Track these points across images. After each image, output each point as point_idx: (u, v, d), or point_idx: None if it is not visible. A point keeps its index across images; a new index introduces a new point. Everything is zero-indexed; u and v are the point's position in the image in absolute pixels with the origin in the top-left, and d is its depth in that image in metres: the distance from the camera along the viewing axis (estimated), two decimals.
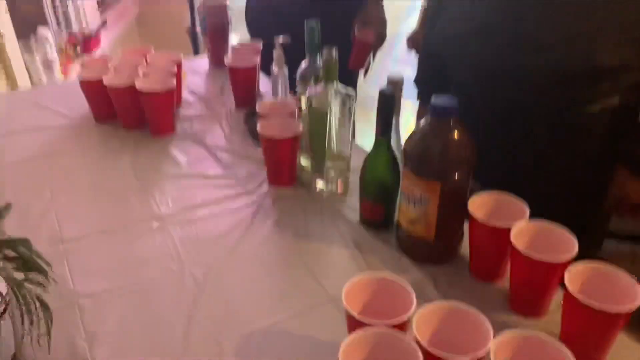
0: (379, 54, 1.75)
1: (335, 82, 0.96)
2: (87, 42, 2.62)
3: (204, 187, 1.07)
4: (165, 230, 0.94)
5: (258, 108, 1.13)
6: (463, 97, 1.11)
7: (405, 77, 2.39)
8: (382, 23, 1.64)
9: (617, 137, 0.97)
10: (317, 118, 0.98)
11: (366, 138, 1.03)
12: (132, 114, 1.27)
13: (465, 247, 0.85)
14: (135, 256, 0.89)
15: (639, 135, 0.94)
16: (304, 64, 1.12)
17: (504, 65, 0.96)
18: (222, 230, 0.94)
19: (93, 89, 1.27)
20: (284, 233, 0.94)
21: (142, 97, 1.21)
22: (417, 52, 2.07)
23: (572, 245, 0.70)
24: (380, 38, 1.64)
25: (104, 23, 2.86)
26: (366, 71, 1.80)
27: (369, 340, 0.59)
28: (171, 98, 1.23)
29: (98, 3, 3.02)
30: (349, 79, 1.82)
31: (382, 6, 1.66)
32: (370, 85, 2.81)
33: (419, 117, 1.33)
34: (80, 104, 1.34)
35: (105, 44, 2.87)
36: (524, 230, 0.73)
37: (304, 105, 1.03)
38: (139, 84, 1.20)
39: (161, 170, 1.13)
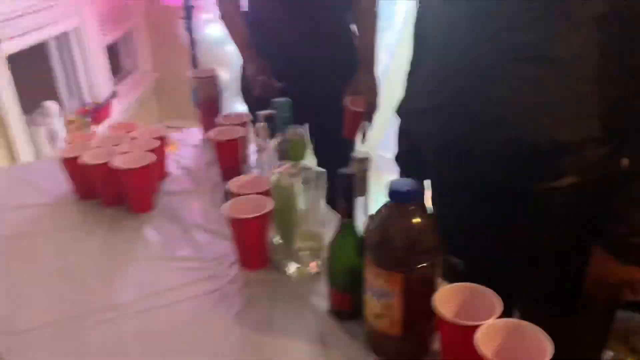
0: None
1: (302, 160, 0.91)
2: (97, 113, 2.67)
3: (171, 270, 1.01)
4: (119, 322, 0.88)
5: (229, 184, 1.08)
6: (436, 175, 1.08)
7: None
8: (372, 92, 1.61)
9: (591, 215, 0.91)
10: (284, 196, 0.93)
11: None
12: (110, 192, 1.24)
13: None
14: (81, 353, 0.82)
15: (615, 214, 0.86)
16: (275, 140, 1.08)
17: (466, 142, 0.92)
18: (180, 321, 0.88)
19: (73, 167, 1.26)
20: (246, 326, 0.86)
21: (118, 174, 1.18)
22: None
23: (546, 349, 0.61)
24: (371, 107, 1.61)
25: (114, 93, 2.92)
26: (363, 136, 1.76)
27: None
28: (147, 175, 1.20)
29: (113, 72, 3.12)
30: (348, 143, 1.79)
31: (374, 75, 1.64)
32: (380, 147, 2.78)
33: None
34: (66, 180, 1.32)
35: (118, 113, 2.93)
36: (491, 329, 0.64)
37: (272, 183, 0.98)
38: (115, 161, 1.18)
39: (131, 252, 1.08)
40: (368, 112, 1.62)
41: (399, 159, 1.20)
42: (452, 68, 0.91)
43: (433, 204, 1.08)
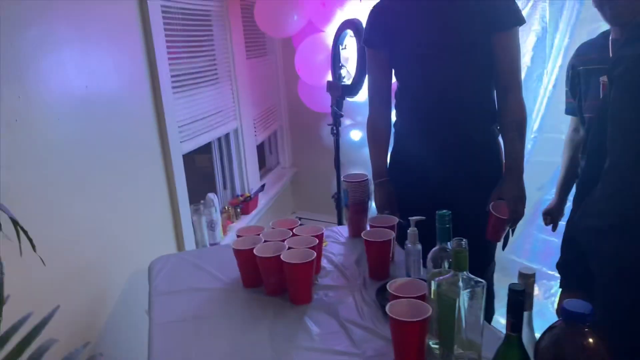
0: (523, 220, 1.74)
1: (465, 271, 0.98)
2: (246, 204, 2.95)
3: None
4: None
5: (389, 286, 1.16)
6: (603, 296, 1.06)
7: (553, 248, 2.29)
8: (518, 200, 1.64)
9: None
10: (446, 305, 0.99)
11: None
12: (275, 282, 1.38)
13: None
14: None
15: None
16: (435, 248, 1.16)
17: None
18: None
19: (244, 257, 1.42)
20: None
21: (285, 267, 1.32)
22: (554, 227, 2.02)
23: None
24: (516, 214, 1.64)
25: (262, 186, 3.21)
26: (505, 244, 1.78)
27: None
28: (310, 269, 1.33)
29: (260, 167, 3.44)
30: (488, 248, 1.82)
31: (521, 183, 1.67)
32: (512, 251, 2.73)
33: (559, 305, 1.27)
34: (233, 268, 1.49)
35: (262, 203, 3.20)
36: None
37: (432, 290, 1.04)
38: (284, 255, 1.32)
39: (295, 341, 1.18)
40: (512, 219, 1.65)
41: (560, 267, 1.21)
42: (633, 192, 0.93)
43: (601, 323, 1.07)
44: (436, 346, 1.07)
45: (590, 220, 1.04)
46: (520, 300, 0.84)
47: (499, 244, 1.79)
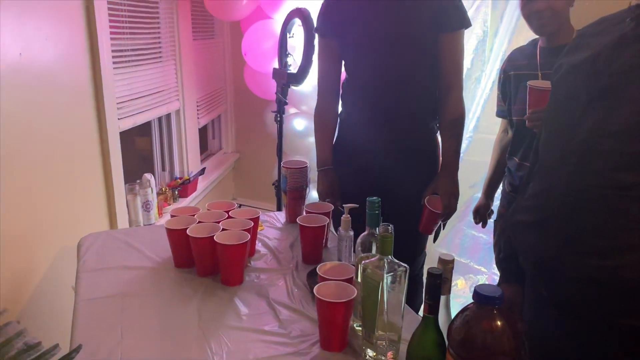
0: (454, 216, 1.82)
1: (390, 255, 1.02)
2: (185, 187, 2.91)
3: (259, 342, 1.11)
4: None
5: (318, 269, 1.19)
6: (531, 286, 1.13)
7: (481, 244, 2.39)
8: (452, 195, 1.71)
9: None
10: (370, 287, 1.03)
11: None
12: (207, 263, 1.38)
13: None
14: None
15: None
16: (364, 233, 1.20)
17: (561, 263, 0.97)
18: None
19: (177, 237, 1.42)
20: None
21: (217, 248, 1.32)
22: (483, 224, 2.13)
23: None
24: (449, 209, 1.71)
25: (202, 170, 3.18)
26: (436, 237, 1.85)
27: None
28: (243, 251, 1.34)
29: (200, 151, 3.40)
30: (420, 239, 1.89)
31: (456, 179, 1.74)
32: (442, 245, 2.84)
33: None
34: (165, 248, 1.48)
35: (202, 187, 3.17)
36: None
37: (359, 273, 1.08)
38: (217, 237, 1.32)
39: (223, 321, 1.19)
40: (445, 214, 1.71)
41: (501, 262, 1.28)
42: (559, 192, 0.98)
43: (525, 314, 1.14)
44: (359, 328, 1.11)
45: (519, 216, 1.10)
46: (437, 284, 0.89)
47: (431, 237, 1.86)
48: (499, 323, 0.79)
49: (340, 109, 1.91)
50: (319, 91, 1.89)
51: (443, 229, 1.83)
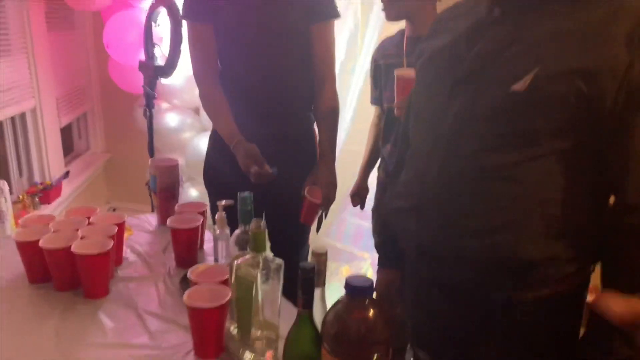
0: (337, 206, 1.83)
1: (263, 252, 0.97)
2: (47, 193, 2.65)
3: (126, 358, 1.02)
4: None
5: (189, 273, 1.12)
6: (412, 270, 1.14)
7: (363, 231, 2.41)
8: (330, 185, 1.71)
9: (560, 329, 0.96)
10: (244, 287, 0.98)
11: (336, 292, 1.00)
12: (65, 276, 1.24)
13: None
14: None
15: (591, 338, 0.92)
16: (237, 231, 1.14)
17: (440, 246, 0.99)
18: None
19: (28, 250, 1.26)
20: None
21: (76, 259, 1.19)
22: (362, 206, 2.17)
23: None
24: (328, 199, 1.70)
25: (66, 173, 2.91)
26: (318, 227, 1.85)
27: None
28: (106, 261, 1.22)
29: (65, 152, 3.12)
30: (302, 231, 1.87)
31: (333, 169, 1.75)
32: (327, 235, 2.86)
33: (378, 282, 1.36)
34: (17, 263, 1.31)
35: (68, 192, 2.91)
36: None
37: (232, 274, 1.02)
38: (75, 247, 1.19)
39: (85, 338, 1.08)
40: (325, 204, 1.71)
41: (378, 247, 1.28)
42: (432, 177, 0.99)
43: (407, 297, 1.15)
44: (236, 331, 1.05)
45: (396, 201, 1.10)
46: (310, 278, 0.85)
47: (314, 227, 1.85)
48: (371, 313, 0.77)
49: None
50: (198, 79, 1.76)
51: (325, 218, 1.83)
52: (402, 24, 1.85)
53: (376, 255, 1.45)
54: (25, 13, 2.57)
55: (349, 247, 2.99)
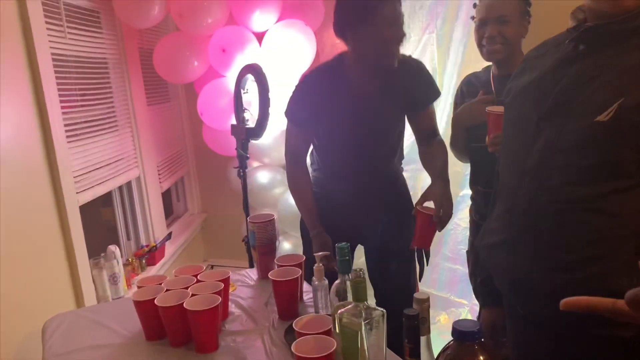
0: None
1: (364, 301, 0.99)
2: (152, 255, 2.83)
3: None
4: None
5: (294, 324, 1.16)
6: (509, 306, 1.13)
7: (458, 276, 2.36)
8: (444, 198, 1.65)
9: None
10: (349, 337, 1.00)
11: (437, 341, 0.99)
12: (179, 332, 1.32)
13: None
14: None
15: None
16: (336, 281, 1.17)
17: (532, 279, 0.98)
18: None
19: (145, 309, 1.36)
20: None
21: (188, 315, 1.27)
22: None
23: None
24: (443, 212, 1.63)
25: (169, 235, 3.11)
26: (420, 275, 1.84)
27: None
28: (215, 316, 1.29)
29: (165, 215, 3.34)
30: (407, 284, 1.91)
31: (446, 184, 1.71)
32: (424, 284, 2.82)
33: (482, 322, 1.34)
34: (135, 322, 1.41)
35: (170, 252, 3.09)
36: None
37: (336, 324, 1.05)
38: (186, 303, 1.27)
39: None
40: (439, 217, 1.63)
41: (479, 288, 1.28)
42: (519, 211, 1.01)
43: (508, 335, 1.13)
44: None
45: (488, 238, 1.12)
46: (415, 325, 0.86)
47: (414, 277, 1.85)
48: (481, 358, 0.76)
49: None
50: (290, 161, 1.94)
51: (427, 264, 1.82)
52: (477, 67, 1.87)
53: (474, 301, 1.42)
54: (128, 92, 2.85)
55: (444, 294, 2.92)
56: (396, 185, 1.92)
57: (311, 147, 1.98)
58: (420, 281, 1.92)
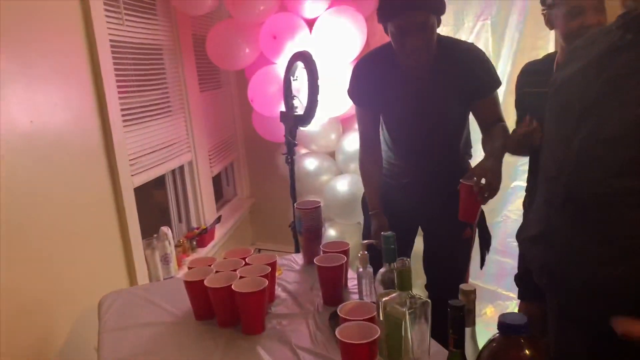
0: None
1: (409, 290, 0.99)
2: (202, 237, 2.91)
3: None
4: None
5: (339, 310, 1.17)
6: (548, 300, 1.12)
7: (507, 269, 2.32)
8: (490, 171, 1.56)
9: None
10: (393, 325, 1.00)
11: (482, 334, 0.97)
12: (227, 313, 1.36)
13: None
14: None
15: None
16: (382, 269, 1.17)
17: (567, 276, 0.96)
18: None
19: (195, 289, 1.40)
20: None
21: (236, 297, 1.30)
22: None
23: None
24: (486, 182, 1.54)
25: (219, 218, 3.18)
26: (482, 263, 1.95)
27: None
28: (262, 298, 1.32)
29: (215, 199, 3.42)
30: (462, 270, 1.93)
31: (496, 161, 1.63)
32: (472, 276, 2.79)
33: None
34: (185, 301, 1.46)
35: (220, 235, 3.17)
36: None
37: (380, 311, 1.05)
38: (235, 285, 1.31)
39: None
40: (479, 187, 1.54)
41: (518, 280, 1.26)
42: (558, 203, 0.99)
43: (549, 331, 1.11)
44: None
45: (527, 230, 1.10)
46: (461, 316, 0.86)
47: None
48: (527, 352, 0.75)
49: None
50: (361, 144, 2.02)
51: (488, 252, 1.91)
52: (533, 55, 1.80)
53: None
54: (182, 77, 2.92)
55: (492, 286, 2.87)
56: (460, 172, 1.82)
57: None
58: (482, 268, 1.97)
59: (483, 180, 1.53)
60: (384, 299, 1.03)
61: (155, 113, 2.62)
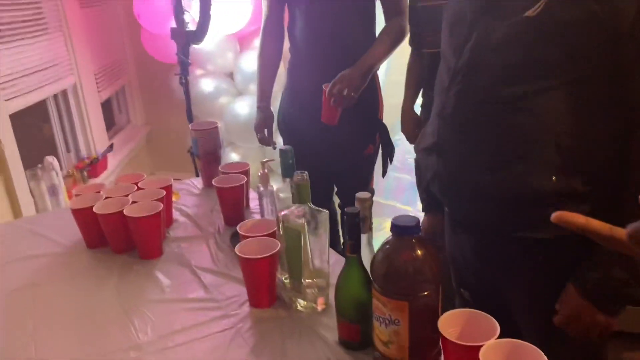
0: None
1: (307, 202, 0.99)
2: (94, 167, 2.74)
3: (185, 311, 1.06)
4: None
5: (239, 228, 1.15)
6: (444, 210, 1.16)
7: (404, 185, 2.40)
8: (348, 79, 1.65)
9: (570, 267, 0.95)
10: (292, 237, 1.00)
11: None
12: (120, 239, 1.30)
13: None
14: None
15: (593, 260, 0.91)
16: (281, 185, 1.16)
17: (457, 184, 1.00)
18: (198, 358, 0.93)
19: (84, 217, 1.32)
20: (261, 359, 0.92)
21: (129, 222, 1.24)
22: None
23: None
24: (340, 93, 1.64)
25: (111, 146, 3.00)
26: (384, 172, 2.01)
27: None
28: (157, 222, 1.26)
29: (107, 127, 3.21)
30: (365, 184, 1.95)
31: (360, 72, 1.69)
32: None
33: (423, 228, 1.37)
34: (74, 231, 1.37)
35: (114, 165, 3.00)
36: (493, 348, 0.71)
37: (280, 226, 1.05)
38: (127, 210, 1.24)
39: (144, 295, 1.13)
40: (331, 93, 1.65)
41: (420, 195, 1.30)
42: (448, 113, 1.00)
43: (447, 237, 1.17)
44: (287, 280, 1.08)
45: (422, 142, 1.12)
46: (356, 222, 0.87)
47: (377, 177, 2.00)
48: (419, 252, 0.78)
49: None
50: (262, 29, 1.93)
51: (390, 163, 1.94)
52: None
53: (419, 209, 1.45)
54: None
55: (391, 202, 2.99)
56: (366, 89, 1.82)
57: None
58: (383, 176, 2.03)
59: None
60: (282, 213, 1.02)
61: (27, 32, 2.34)
